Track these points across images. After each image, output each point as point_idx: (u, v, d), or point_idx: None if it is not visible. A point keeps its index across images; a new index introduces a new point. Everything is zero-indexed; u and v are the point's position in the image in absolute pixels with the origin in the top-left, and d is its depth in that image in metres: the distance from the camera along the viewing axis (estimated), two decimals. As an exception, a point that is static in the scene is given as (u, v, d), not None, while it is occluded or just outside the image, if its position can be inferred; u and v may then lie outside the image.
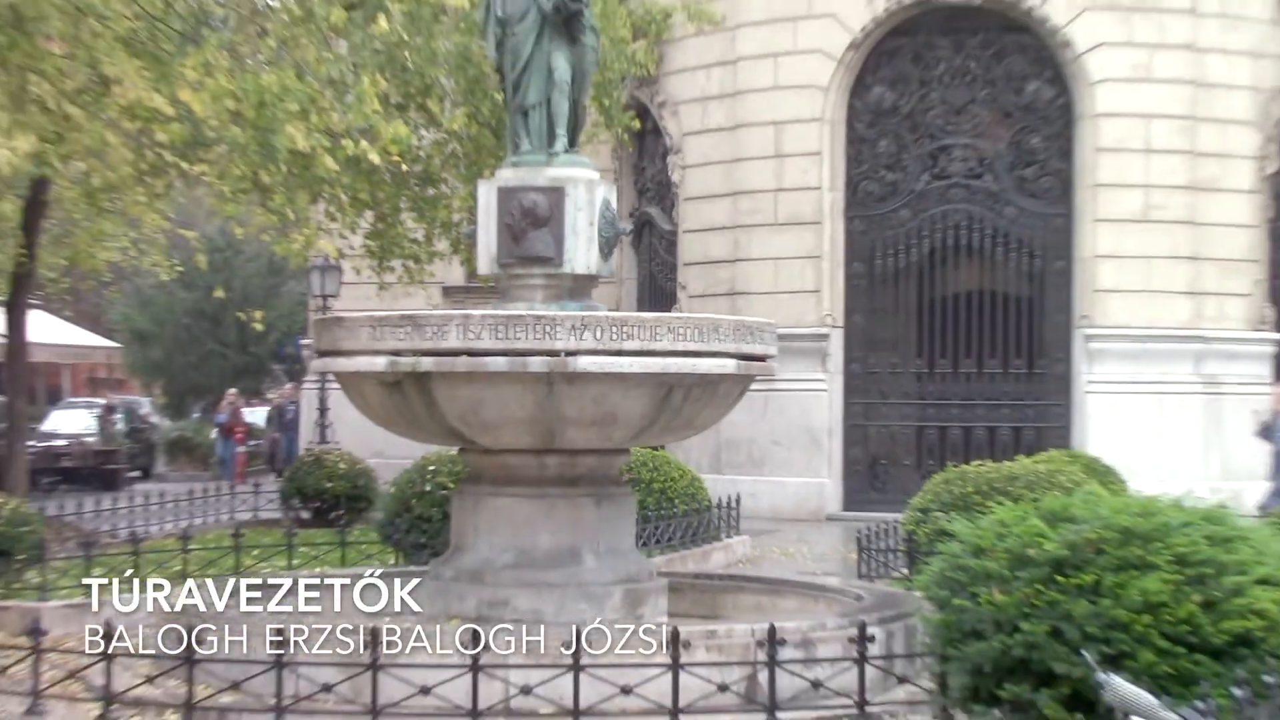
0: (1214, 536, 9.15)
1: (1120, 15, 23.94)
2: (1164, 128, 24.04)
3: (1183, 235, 24.06)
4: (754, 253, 24.86)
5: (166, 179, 18.62)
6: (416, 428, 12.18)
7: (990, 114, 24.58)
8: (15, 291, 22.45)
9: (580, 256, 11.85)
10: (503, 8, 12.04)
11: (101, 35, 14.85)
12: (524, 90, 12.10)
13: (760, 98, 24.86)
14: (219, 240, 40.11)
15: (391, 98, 18.23)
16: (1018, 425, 23.57)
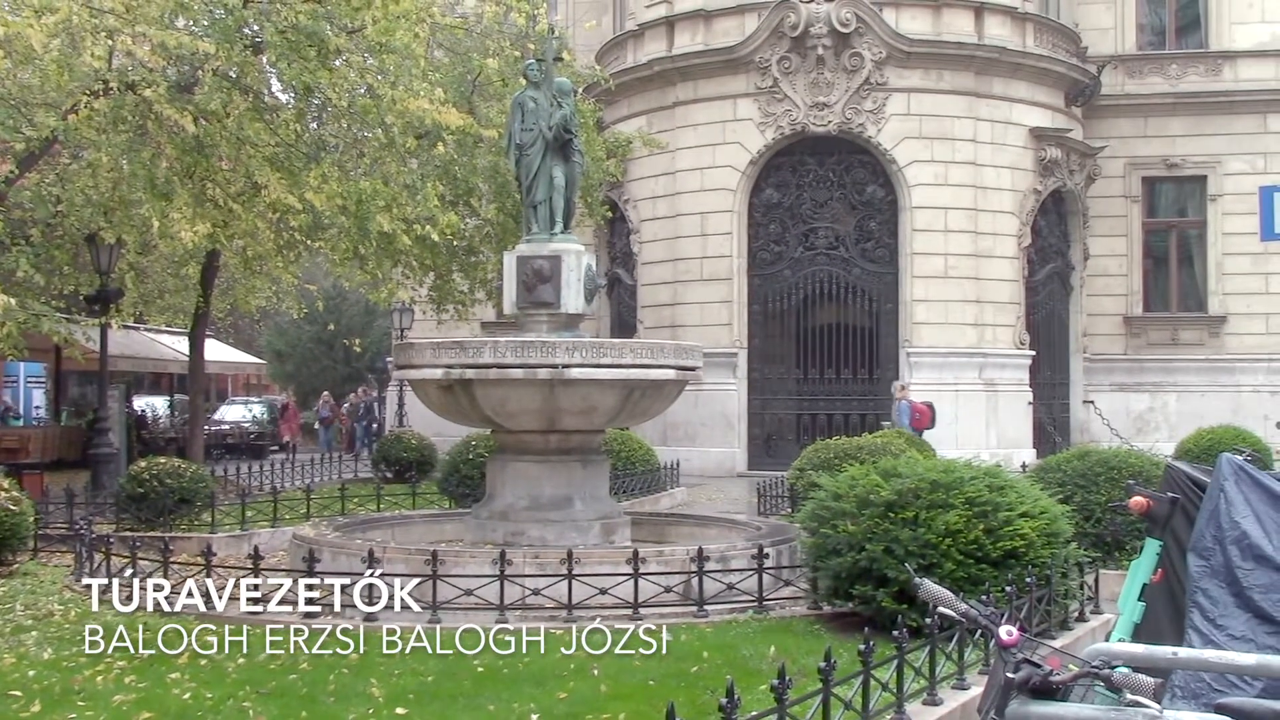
0: (992, 485, 9.15)
1: (926, 142, 23.92)
2: (956, 216, 24.04)
3: (970, 286, 24.07)
4: (688, 299, 24.78)
5: (297, 251, 18.48)
6: (463, 416, 12.13)
7: (843, 207, 24.52)
8: (196, 326, 22.29)
9: (572, 302, 11.82)
10: (519, 137, 12.03)
11: (254, 156, 14.74)
12: (534, 191, 12.06)
13: (691, 196, 24.78)
14: (332, 291, 39.89)
15: (446, 197, 18.14)
16: (863, 413, 23.53)
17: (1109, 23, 27.60)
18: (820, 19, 23.32)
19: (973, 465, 9.52)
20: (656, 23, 25.31)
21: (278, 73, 15.52)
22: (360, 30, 15.23)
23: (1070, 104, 26.09)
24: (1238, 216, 25.84)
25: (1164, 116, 27.31)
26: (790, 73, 23.82)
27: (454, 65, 19.28)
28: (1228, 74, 27.30)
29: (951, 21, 24.13)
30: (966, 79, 24.12)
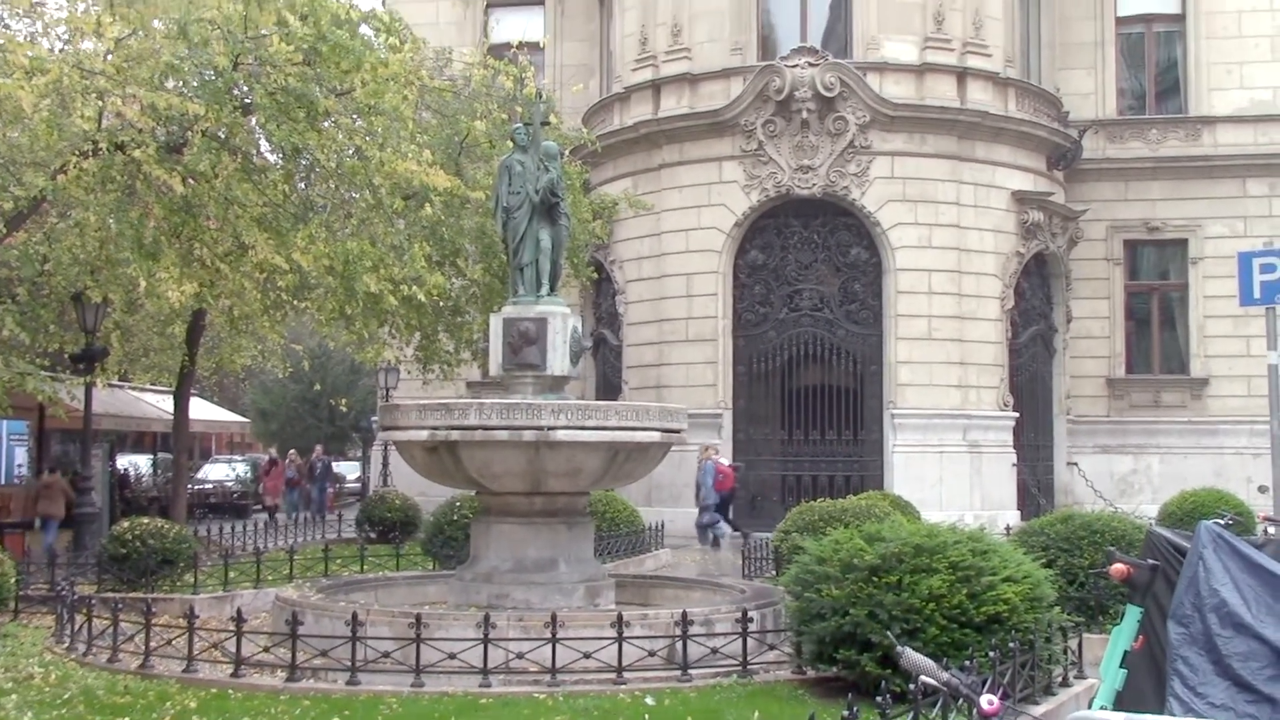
0: (975, 550, 9.18)
1: (910, 205, 24.11)
2: (940, 278, 24.18)
3: (953, 349, 24.17)
4: (673, 359, 24.84)
5: (283, 311, 18.52)
6: (448, 478, 12.12)
7: (827, 269, 24.65)
8: (180, 384, 22.28)
9: (557, 364, 11.86)
10: (506, 200, 12.14)
11: (242, 216, 14.81)
12: (521, 254, 12.15)
13: (677, 258, 24.90)
14: (318, 350, 39.88)
15: (433, 257, 18.20)
16: (847, 474, 23.56)
17: (1090, 88, 27.96)
18: (805, 83, 23.57)
19: (956, 529, 9.56)
20: (643, 86, 25.55)
21: (266, 134, 15.63)
22: (349, 92, 15.37)
23: (1052, 168, 26.37)
24: (1218, 280, 26.04)
25: (1145, 180, 27.62)
26: (775, 136, 24.04)
27: (442, 127, 19.43)
28: (1207, 139, 27.65)
29: (934, 86, 24.41)
30: (949, 143, 24.37)
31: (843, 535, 9.70)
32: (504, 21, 29.23)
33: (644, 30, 25.72)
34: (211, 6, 14.27)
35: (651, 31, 25.59)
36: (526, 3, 29.97)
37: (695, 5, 25.12)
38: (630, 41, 26.14)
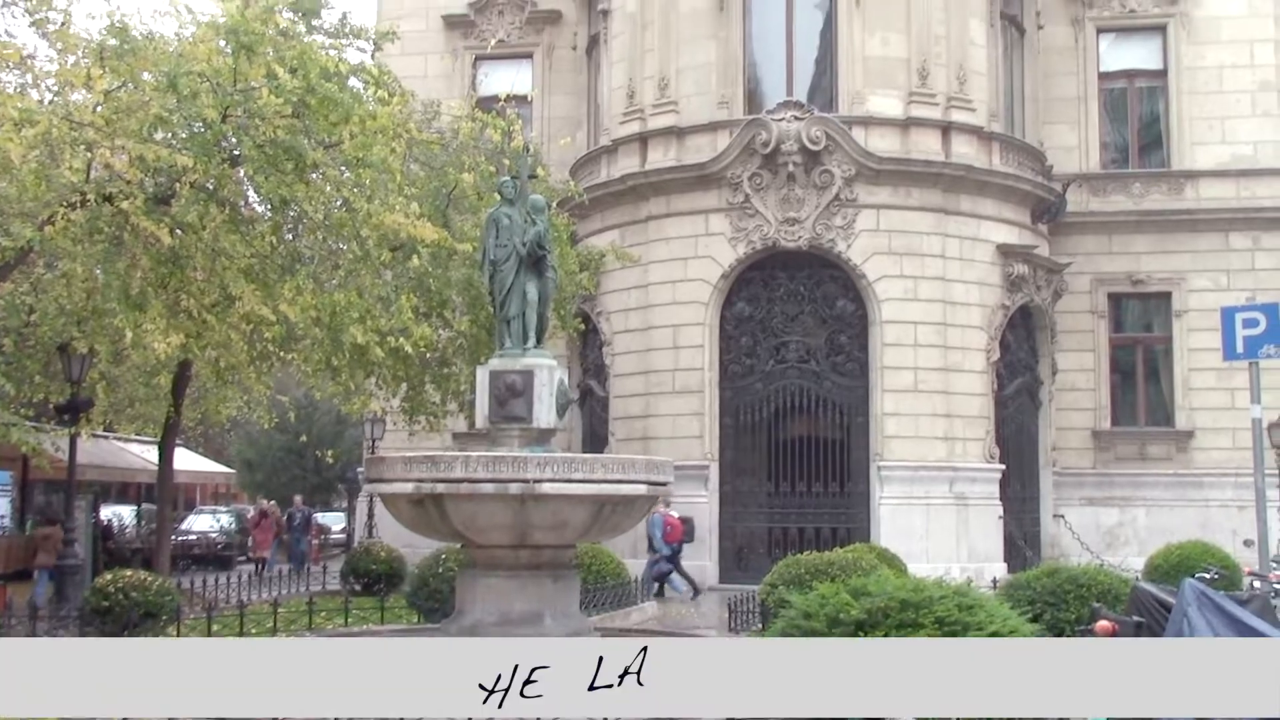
0: (961, 605, 9.13)
1: (895, 258, 24.23)
2: (926, 330, 24.28)
3: (939, 401, 24.22)
4: (660, 411, 24.83)
5: (270, 362, 18.52)
6: (433, 531, 12.06)
7: (813, 321, 24.72)
8: (165, 435, 22.20)
9: (544, 416, 11.86)
10: (493, 253, 12.19)
11: (229, 268, 14.84)
12: (507, 307, 12.18)
13: (664, 309, 24.96)
14: (304, 401, 39.80)
15: (420, 309, 18.25)
16: (834, 527, 23.52)
17: (1073, 142, 28.22)
18: (791, 137, 23.75)
19: (942, 584, 9.51)
20: (630, 139, 25.72)
21: (255, 185, 15.71)
22: (338, 145, 15.47)
23: (1036, 221, 26.55)
24: (1202, 333, 26.18)
25: (1128, 234, 27.83)
26: (761, 189, 24.18)
27: (430, 179, 19.52)
28: (1190, 193, 27.90)
29: (919, 140, 24.62)
30: (934, 196, 24.54)
31: (829, 589, 9.63)
32: (492, 75, 29.47)
33: (631, 84, 25.93)
34: (201, 59, 14.37)
35: (639, 85, 25.80)
36: (514, 56, 30.19)
37: (682, 59, 25.34)
38: (618, 95, 26.34)
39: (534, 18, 30.22)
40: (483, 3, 30.43)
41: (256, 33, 14.77)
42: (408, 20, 29.10)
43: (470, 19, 30.43)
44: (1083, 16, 28.46)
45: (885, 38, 24.75)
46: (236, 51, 14.64)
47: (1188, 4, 28.15)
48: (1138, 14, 28.41)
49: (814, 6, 25.54)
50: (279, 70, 14.50)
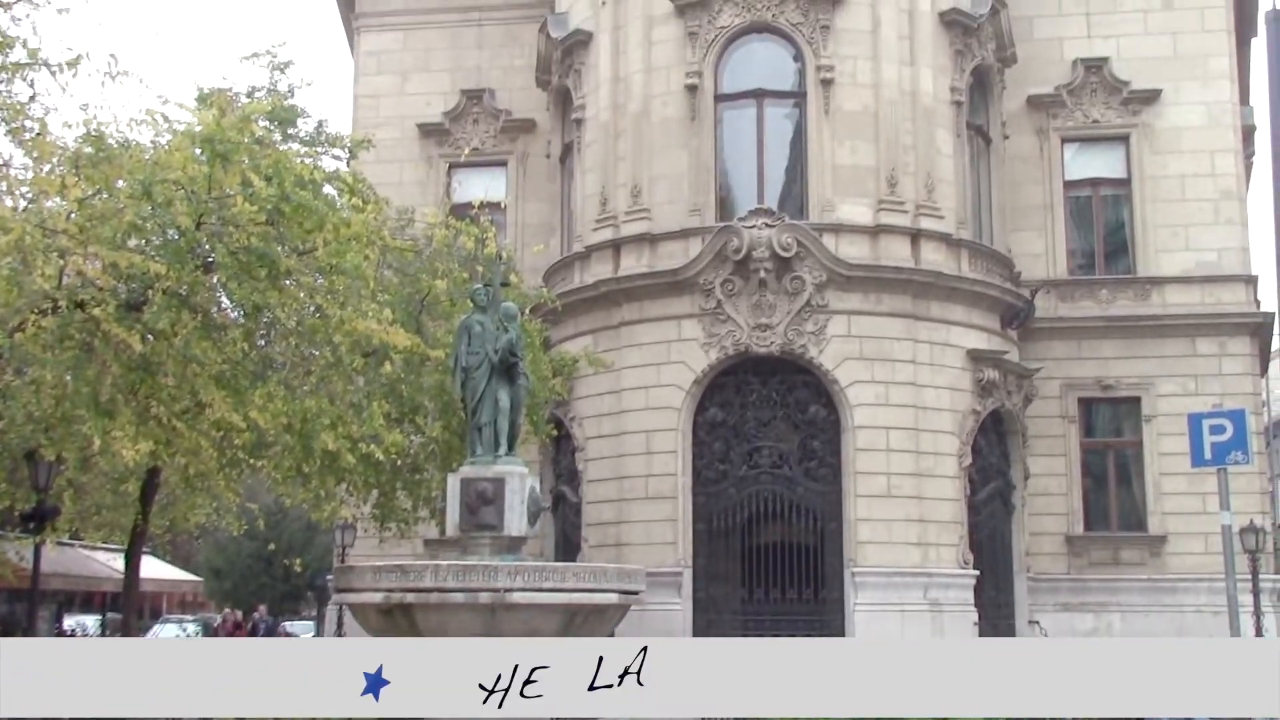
0: (937, 716, 9.06)
1: (867, 363, 24.36)
2: (898, 435, 24.33)
3: (912, 506, 24.19)
4: (633, 517, 24.71)
5: (240, 469, 18.39)
6: (403, 641, 11.91)
7: (786, 426, 24.75)
8: (132, 543, 21.94)
9: (515, 524, 11.83)
10: (465, 360, 12.25)
11: (200, 374, 14.80)
12: (479, 414, 12.22)
13: (637, 415, 24.96)
14: (273, 508, 39.47)
15: (392, 415, 18.18)
16: (809, 633, 23.22)
17: (1040, 249, 28.60)
18: (762, 243, 23.99)
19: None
20: (603, 245, 25.94)
21: (227, 292, 15.73)
22: (311, 251, 15.53)
23: (1006, 326, 26.80)
24: (1172, 437, 26.29)
25: (1097, 339, 28.10)
26: (733, 295, 24.36)
27: (403, 285, 19.59)
28: (1156, 299, 28.25)
29: (889, 247, 24.90)
30: (905, 302, 24.76)
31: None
32: (466, 182, 29.77)
33: (604, 191, 26.21)
34: (176, 167, 14.48)
35: (612, 192, 26.08)
36: (489, 164, 30.52)
37: (655, 168, 25.66)
38: (591, 202, 26.61)
39: (508, 126, 30.61)
40: (457, 112, 30.83)
41: (233, 141, 14.92)
42: (383, 129, 29.43)
43: (445, 128, 30.80)
44: (1047, 127, 29.03)
45: (854, 147, 25.16)
46: (212, 159, 14.76)
47: (1149, 115, 28.75)
48: (1101, 124, 28.98)
49: (784, 116, 25.98)
50: (254, 178, 14.62)
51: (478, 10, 31.42)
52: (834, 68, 25.18)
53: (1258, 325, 28.18)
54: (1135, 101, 28.76)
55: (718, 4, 25.55)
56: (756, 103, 25.80)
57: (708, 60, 25.59)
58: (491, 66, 31.14)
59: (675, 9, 25.77)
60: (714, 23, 25.60)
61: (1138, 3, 29.27)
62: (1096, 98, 28.92)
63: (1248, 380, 27.96)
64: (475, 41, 31.36)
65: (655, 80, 25.91)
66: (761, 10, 25.51)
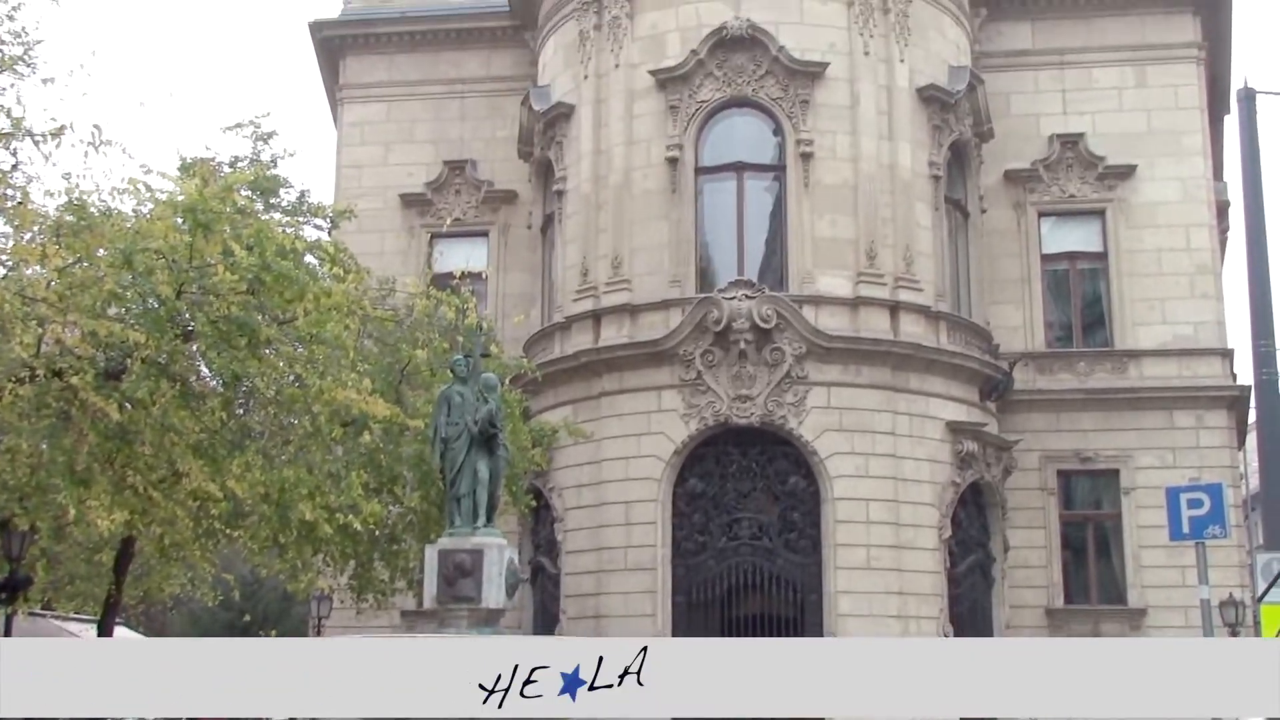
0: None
1: (847, 435, 24.38)
2: (878, 507, 24.30)
3: (892, 578, 24.12)
4: (612, 588, 24.56)
5: (215, 539, 18.26)
6: (378, 714, 11.77)
7: (766, 497, 24.70)
8: (105, 613, 21.70)
9: (493, 596, 11.77)
10: (444, 431, 12.24)
11: (178, 444, 14.75)
12: (458, 485, 12.20)
13: (616, 485, 24.89)
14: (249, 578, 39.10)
15: (370, 485, 18.11)
16: (788, 707, 23.07)
17: (1018, 321, 28.80)
18: (742, 315, 24.10)
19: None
20: (583, 316, 26.01)
21: (206, 361, 15.73)
22: (292, 321, 15.56)
23: (985, 399, 26.90)
24: (1151, 510, 26.36)
25: (1075, 412, 28.21)
26: (714, 366, 24.43)
27: (383, 355, 19.59)
28: (1133, 372, 28.43)
29: (868, 319, 25.03)
30: (884, 374, 24.85)
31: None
32: (448, 252, 29.88)
33: (585, 262, 26.34)
34: (158, 236, 14.52)
35: (593, 263, 26.21)
36: (470, 234, 30.66)
37: (635, 239, 25.82)
38: (572, 273, 26.72)
39: (490, 197, 30.79)
40: (440, 182, 31.02)
41: (215, 211, 14.98)
42: (366, 198, 29.59)
43: (427, 198, 30.97)
44: (1024, 201, 29.34)
45: (834, 220, 25.37)
46: (194, 229, 14.81)
47: (1125, 190, 29.11)
48: (1077, 199, 29.32)
49: (764, 189, 26.22)
50: (235, 247, 14.67)
51: (461, 83, 31.72)
52: (813, 142, 25.47)
53: (1234, 398, 28.34)
54: (1111, 177, 29.13)
55: (699, 78, 25.87)
56: (737, 175, 26.05)
57: (689, 133, 25.85)
58: (474, 138, 31.39)
59: (657, 83, 26.06)
60: (695, 97, 25.89)
61: (1112, 80, 29.75)
62: (1073, 173, 29.28)
63: (1225, 453, 28.06)
64: (458, 113, 31.63)
65: (636, 153, 26.15)
66: (742, 85, 25.83)
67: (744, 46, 25.77)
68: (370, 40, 32.24)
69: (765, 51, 25.71)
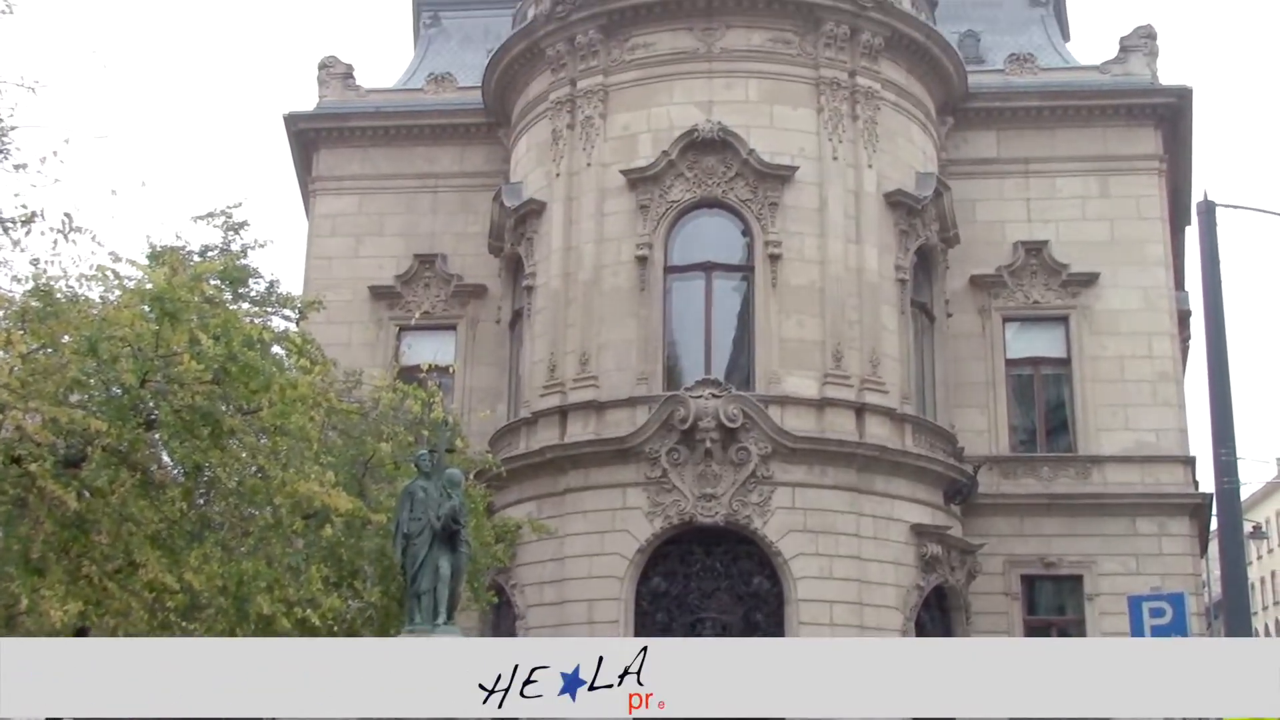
0: None
1: (811, 536, 24.33)
2: (841, 610, 24.15)
3: (856, 682, 23.91)
4: (572, 688, 24.22)
5: (171, 632, 17.95)
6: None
7: (730, 598, 24.57)
8: (55, 706, 21.26)
9: (451, 696, 11.58)
10: (407, 526, 12.18)
11: (136, 534, 14.57)
12: (419, 581, 12.11)
13: (579, 583, 24.70)
14: (204, 670, 38.38)
15: (330, 578, 17.90)
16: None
17: (983, 425, 28.93)
18: (709, 414, 24.15)
19: None
20: (550, 412, 26.00)
21: (169, 451, 15.59)
22: (256, 412, 15.46)
23: (949, 502, 26.93)
24: (1115, 616, 26.30)
25: (1039, 516, 28.27)
26: (679, 464, 24.41)
27: (347, 447, 19.49)
28: (1096, 478, 28.56)
29: (834, 420, 25.13)
30: (849, 475, 24.89)
31: None
32: (416, 345, 29.88)
33: (553, 358, 26.39)
34: (124, 324, 14.45)
35: (560, 359, 26.26)
36: (439, 328, 30.67)
37: (604, 336, 25.92)
38: (539, 368, 26.76)
39: (459, 291, 30.87)
40: (409, 275, 31.09)
41: (183, 300, 14.94)
42: (335, 290, 29.60)
43: (397, 290, 31.00)
44: (989, 306, 29.65)
45: (801, 320, 25.57)
46: (161, 318, 14.76)
47: (1088, 297, 29.48)
48: (1041, 305, 29.65)
49: (732, 289, 26.44)
50: (202, 336, 14.62)
51: (434, 177, 31.94)
52: (782, 243, 25.75)
53: (1196, 506, 28.47)
54: (1074, 284, 29.51)
55: (670, 179, 26.18)
56: (705, 275, 26.28)
57: (658, 232, 26.10)
58: (445, 232, 31.52)
59: (628, 182, 26.35)
60: (665, 196, 26.18)
61: (1075, 189, 30.27)
62: (1037, 279, 29.64)
63: (1188, 560, 28.14)
64: (430, 207, 31.80)
65: (606, 250, 26.35)
66: (712, 186, 26.15)
67: (715, 149, 26.14)
68: (345, 134, 32.48)
69: (736, 154, 26.09)
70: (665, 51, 27.13)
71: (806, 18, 27.09)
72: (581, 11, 27.43)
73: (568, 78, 27.81)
